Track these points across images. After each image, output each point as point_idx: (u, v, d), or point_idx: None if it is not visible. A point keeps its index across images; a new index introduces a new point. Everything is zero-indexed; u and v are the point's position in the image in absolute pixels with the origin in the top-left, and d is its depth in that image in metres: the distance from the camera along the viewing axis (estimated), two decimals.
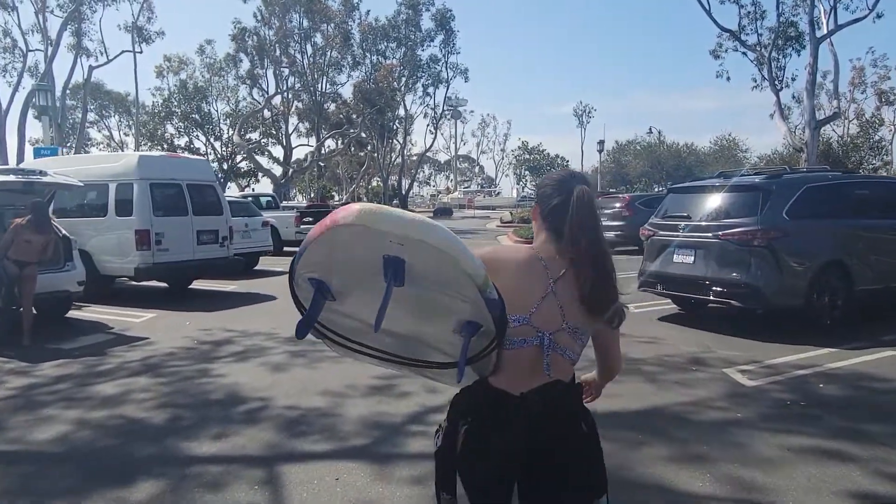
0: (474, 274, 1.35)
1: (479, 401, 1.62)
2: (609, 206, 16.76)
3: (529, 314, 1.56)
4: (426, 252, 1.32)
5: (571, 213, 1.58)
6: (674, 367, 5.50)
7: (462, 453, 1.60)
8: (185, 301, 9.79)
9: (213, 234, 10.19)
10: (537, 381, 1.57)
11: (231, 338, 6.99)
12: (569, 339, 1.59)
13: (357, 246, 1.38)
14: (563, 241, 1.59)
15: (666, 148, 33.96)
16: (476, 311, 1.40)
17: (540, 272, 1.59)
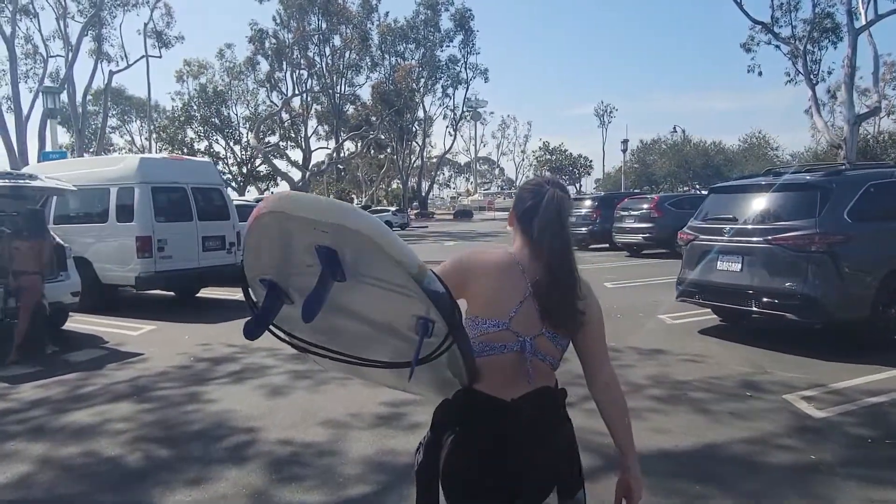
0: (407, 263, 1.26)
1: (466, 409, 1.55)
2: (636, 208, 15.98)
3: (509, 318, 1.52)
4: (352, 239, 1.26)
5: (540, 214, 1.57)
6: (725, 392, 4.79)
7: (447, 465, 1.53)
8: (189, 311, 9.29)
9: (220, 240, 9.68)
10: (524, 388, 1.52)
11: (230, 354, 6.43)
12: (548, 345, 1.55)
13: (290, 238, 1.34)
14: (533, 243, 1.57)
15: (693, 147, 32.82)
16: (426, 306, 1.31)
17: (518, 276, 1.55)
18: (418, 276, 1.27)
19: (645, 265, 14.23)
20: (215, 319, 8.38)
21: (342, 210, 1.27)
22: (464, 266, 1.56)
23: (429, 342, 1.35)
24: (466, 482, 1.54)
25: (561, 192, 1.62)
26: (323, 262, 1.29)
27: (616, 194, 21.53)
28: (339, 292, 1.35)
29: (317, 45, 43.79)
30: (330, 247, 1.28)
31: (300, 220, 1.28)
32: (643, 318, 7.79)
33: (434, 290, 1.29)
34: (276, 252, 1.42)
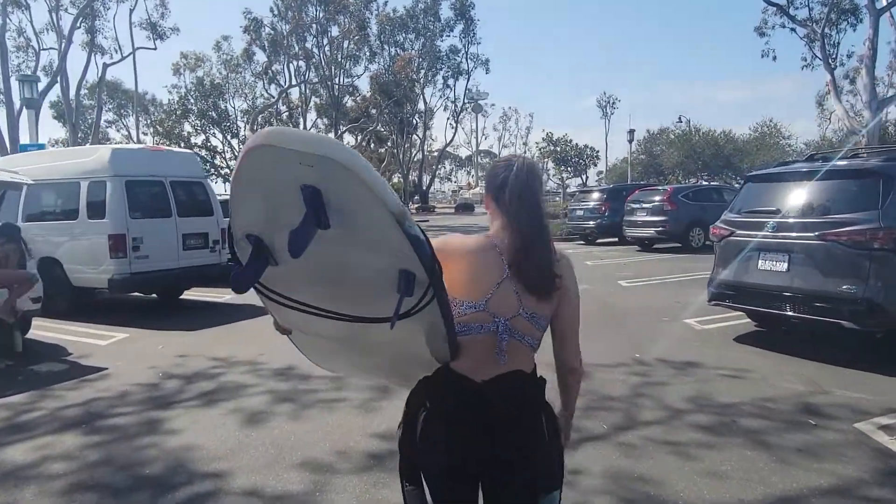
0: (389, 201, 1.24)
1: (438, 385, 1.58)
2: (648, 200, 15.18)
3: (486, 300, 1.53)
4: (336, 174, 1.22)
5: (510, 183, 1.58)
6: (783, 419, 4.02)
7: (421, 439, 1.57)
8: (169, 316, 8.54)
9: (202, 237, 8.91)
10: (496, 370, 1.53)
11: (206, 369, 5.67)
12: (526, 325, 1.55)
13: (276, 180, 1.29)
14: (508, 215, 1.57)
15: (702, 136, 31.82)
16: (408, 257, 1.29)
17: (495, 258, 1.56)
18: (400, 217, 1.26)
19: (658, 261, 13.44)
20: (196, 325, 7.63)
21: (328, 142, 1.25)
22: (441, 250, 1.48)
23: (410, 301, 1.35)
24: (436, 458, 1.57)
25: (527, 158, 1.66)
26: (307, 202, 1.26)
27: (625, 186, 20.68)
28: (321, 251, 1.32)
29: (315, 36, 42.88)
30: (315, 186, 1.25)
31: (286, 154, 1.23)
32: (668, 323, 7.01)
33: (415, 235, 1.28)
34: (261, 204, 1.37)
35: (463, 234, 1.66)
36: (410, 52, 41.02)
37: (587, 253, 15.51)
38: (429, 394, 1.60)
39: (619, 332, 6.57)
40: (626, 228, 15.60)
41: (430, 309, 1.37)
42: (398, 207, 1.26)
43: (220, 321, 7.92)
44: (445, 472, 1.57)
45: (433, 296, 1.35)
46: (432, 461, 1.58)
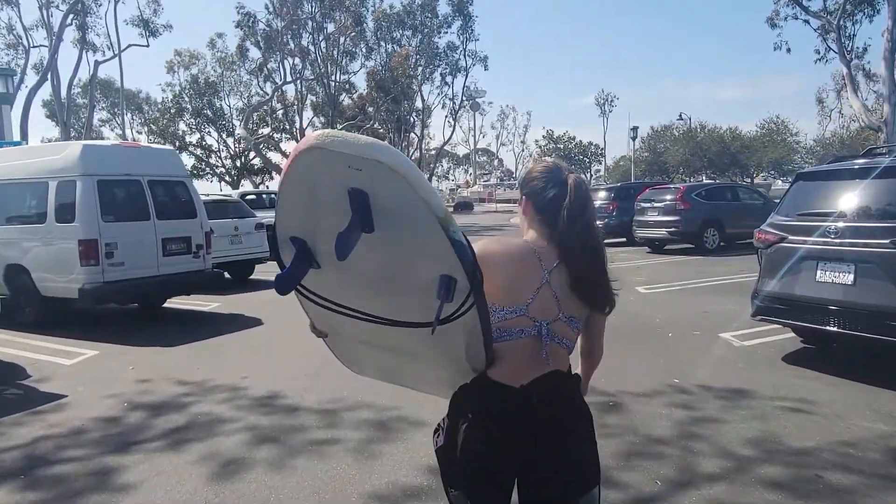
0: (434, 205, 1.25)
1: (479, 396, 1.58)
2: (659, 199, 14.43)
3: (526, 305, 1.55)
4: (384, 177, 1.23)
5: (568, 202, 1.59)
6: (877, 473, 3.27)
7: (464, 450, 1.57)
8: (148, 328, 7.77)
9: (185, 241, 8.15)
10: (536, 372, 1.55)
11: (178, 397, 4.92)
12: (565, 328, 1.59)
13: (323, 183, 1.31)
14: (558, 231, 1.59)
15: (707, 133, 31.04)
16: (449, 263, 1.30)
17: (534, 263, 1.58)
18: (444, 221, 1.26)
19: (673, 263, 12.71)
20: (176, 339, 6.87)
21: (378, 146, 1.24)
22: (481, 256, 1.44)
23: (450, 307, 1.34)
24: (480, 468, 1.57)
25: (577, 175, 1.68)
26: (354, 205, 1.26)
27: (634, 184, 19.98)
28: (363, 254, 1.33)
29: (311, 33, 42.05)
30: (362, 189, 1.25)
31: (335, 157, 1.24)
32: (702, 339, 6.27)
33: (459, 241, 1.28)
34: (307, 207, 1.37)
35: (501, 238, 1.65)
36: (407, 48, 40.24)
37: None
38: (470, 403, 1.60)
39: (649, 351, 5.83)
40: (637, 229, 14.87)
41: (469, 315, 1.37)
42: (444, 212, 1.26)
43: (203, 334, 7.16)
44: (486, 479, 1.58)
45: (473, 302, 1.35)
46: (474, 469, 1.58)
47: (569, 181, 1.62)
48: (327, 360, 2.38)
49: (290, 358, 5.97)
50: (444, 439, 1.64)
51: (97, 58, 39.54)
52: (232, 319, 8.17)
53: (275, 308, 8.57)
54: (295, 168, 1.31)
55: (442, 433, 1.65)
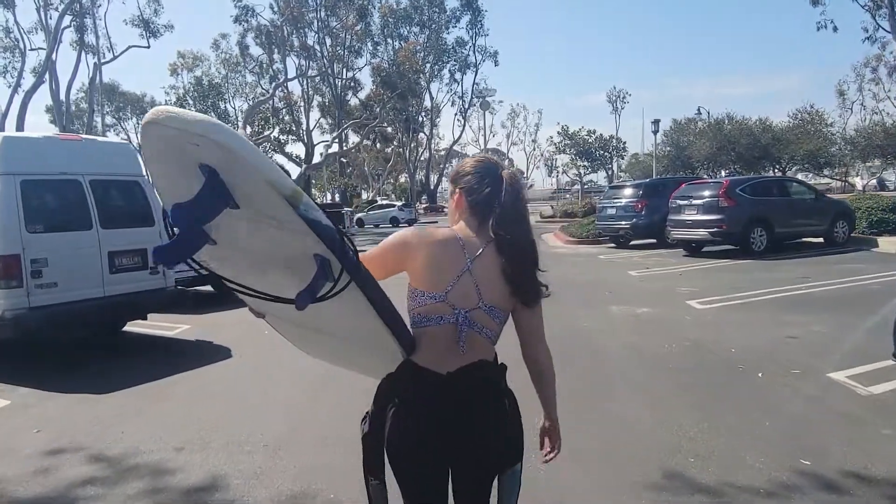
0: (280, 183, 1.24)
1: (405, 381, 1.60)
2: (699, 196, 12.79)
3: (445, 291, 1.57)
4: (219, 154, 1.22)
5: (502, 199, 1.62)
6: None
7: (391, 435, 1.59)
8: (85, 365, 6.24)
9: (139, 255, 6.66)
10: (461, 360, 1.58)
11: (76, 487, 3.41)
12: (485, 317, 1.60)
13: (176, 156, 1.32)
14: (490, 224, 1.61)
15: (735, 125, 29.15)
16: (317, 241, 1.30)
17: (457, 251, 1.60)
18: (293, 199, 1.24)
19: (718, 269, 11.06)
20: (116, 382, 5.37)
21: (206, 123, 1.22)
22: (403, 240, 1.61)
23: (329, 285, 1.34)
24: (407, 452, 1.59)
25: (511, 170, 1.70)
26: (207, 180, 1.26)
27: (665, 180, 18.31)
28: (242, 226, 1.37)
29: (316, 32, 40.76)
30: (212, 165, 1.25)
31: (172, 132, 1.24)
32: (808, 382, 4.64)
33: (313, 219, 1.27)
34: (180, 179, 1.37)
35: (430, 228, 1.64)
36: (415, 41, 38.78)
37: (625, 259, 13.17)
38: (396, 389, 1.62)
39: (742, 404, 4.24)
40: (672, 229, 13.24)
41: (355, 294, 1.36)
42: (290, 189, 1.25)
43: (153, 373, 5.66)
44: (417, 463, 1.59)
45: (350, 280, 1.33)
46: (403, 454, 1.59)
47: (504, 177, 1.65)
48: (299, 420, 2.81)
49: (253, 413, 4.47)
50: (368, 426, 1.65)
51: (97, 60, 38.48)
52: (196, 350, 6.68)
53: (252, 331, 7.10)
54: (145, 141, 1.36)
55: (368, 420, 1.66)
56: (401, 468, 1.59)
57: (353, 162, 57.69)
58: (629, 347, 5.77)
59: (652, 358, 5.37)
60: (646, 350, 5.64)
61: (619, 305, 7.82)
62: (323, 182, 47.51)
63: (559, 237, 19.28)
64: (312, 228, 1.26)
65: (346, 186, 51.90)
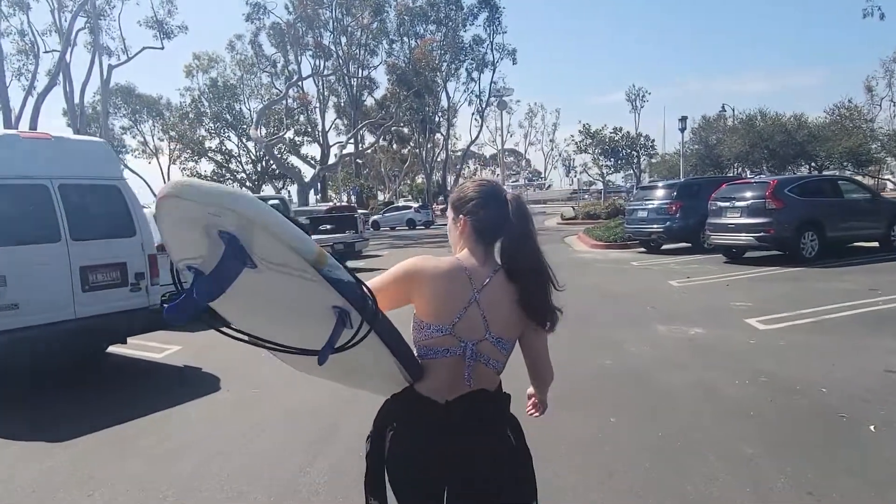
0: (302, 249, 1.25)
1: (404, 406, 1.61)
2: (741, 197, 11.70)
3: (452, 324, 1.54)
4: (242, 223, 1.24)
5: (510, 225, 1.59)
6: None
7: (389, 458, 1.60)
8: (52, 399, 5.37)
9: (117, 270, 5.82)
10: (462, 390, 1.56)
11: None
12: (492, 349, 1.58)
13: (194, 223, 1.32)
14: (497, 250, 1.61)
15: (770, 121, 27.69)
16: (338, 296, 1.31)
17: (463, 282, 1.56)
18: (317, 263, 1.27)
19: (769, 279, 9.97)
20: (81, 424, 4.50)
21: (228, 194, 1.24)
22: (408, 273, 1.57)
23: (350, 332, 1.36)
24: (404, 476, 1.58)
25: (515, 194, 1.67)
26: (227, 247, 1.28)
27: (699, 180, 17.20)
28: (261, 279, 1.35)
29: (332, 32, 40.06)
30: (231, 232, 1.26)
31: (192, 204, 1.25)
32: None
33: (336, 278, 1.28)
34: (194, 238, 1.36)
35: (435, 257, 1.62)
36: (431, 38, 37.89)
37: (661, 266, 12.10)
38: (395, 413, 1.62)
39: (854, 470, 3.24)
40: (712, 233, 12.15)
41: (372, 341, 1.37)
42: (314, 254, 1.26)
43: (125, 411, 4.78)
44: (413, 489, 1.58)
45: (368, 331, 1.35)
46: (400, 478, 1.59)
47: (509, 199, 1.62)
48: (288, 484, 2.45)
49: (237, 471, 3.56)
50: (369, 446, 1.66)
51: (111, 62, 38.13)
52: (181, 379, 5.81)
53: (246, 353, 6.25)
54: (163, 212, 1.36)
55: (369, 441, 1.66)
56: (398, 490, 1.58)
57: (370, 163, 57.01)
58: (695, 385, 4.76)
59: (726, 402, 4.37)
60: (715, 390, 4.63)
61: (668, 324, 6.80)
62: (338, 183, 46.78)
63: (584, 240, 18.25)
64: (336, 288, 1.28)
65: (363, 187, 51.17)
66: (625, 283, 10.22)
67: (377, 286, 1.51)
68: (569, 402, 4.26)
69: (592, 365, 5.39)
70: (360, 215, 17.87)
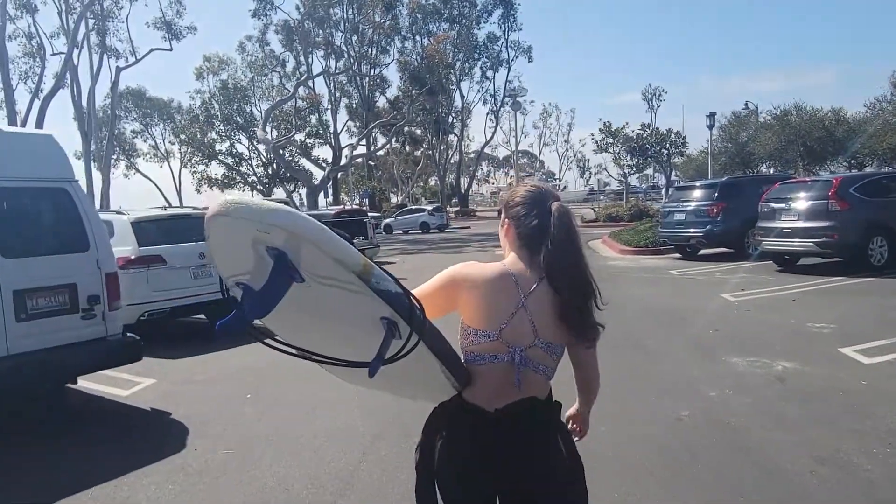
0: (348, 262, 1.26)
1: (453, 416, 1.60)
2: (798, 198, 10.37)
3: (500, 330, 1.53)
4: (290, 240, 1.27)
5: (552, 233, 1.56)
6: None
7: (439, 468, 1.60)
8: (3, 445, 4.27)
9: (64, 293, 4.68)
10: (511, 398, 1.54)
11: None
12: (542, 354, 1.56)
13: (243, 240, 1.34)
14: (541, 258, 1.56)
15: (806, 117, 26.10)
16: (384, 306, 1.30)
17: (511, 288, 1.55)
18: (364, 275, 1.27)
19: (837, 291, 8.64)
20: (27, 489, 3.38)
21: (277, 212, 1.25)
22: (454, 279, 1.57)
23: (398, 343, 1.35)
24: (454, 486, 1.58)
25: (561, 202, 1.62)
26: (275, 261, 1.29)
27: (744, 179, 15.86)
28: (309, 293, 1.36)
29: (344, 32, 39.06)
30: (279, 248, 1.28)
31: (241, 222, 1.27)
32: None
33: (384, 290, 1.28)
34: (242, 255, 1.38)
35: (480, 263, 1.61)
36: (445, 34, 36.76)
37: (706, 275, 10.80)
38: (444, 423, 1.61)
39: None
40: (763, 238, 10.82)
41: (420, 350, 1.37)
42: (360, 266, 1.27)
43: (63, 484, 3.64)
44: (463, 498, 1.58)
45: (417, 342, 1.35)
46: (450, 487, 1.58)
47: (552, 209, 1.58)
48: None
49: None
50: (419, 456, 1.65)
51: (119, 64, 37.42)
52: (142, 429, 4.66)
53: (228, 388, 5.16)
54: (212, 230, 1.38)
55: (419, 450, 1.66)
56: (448, 499, 1.59)
57: (383, 165, 56.01)
58: (814, 455, 3.49)
59: (875, 490, 3.11)
60: (849, 465, 3.38)
61: (743, 355, 5.53)
62: (349, 185, 45.74)
63: (610, 245, 16.93)
64: (384, 299, 1.28)
65: (375, 190, 50.11)
66: (670, 297, 8.95)
67: (423, 294, 1.50)
68: (645, 477, 3.05)
69: (665, 417, 4.15)
70: (371, 218, 16.68)
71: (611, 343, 2.48)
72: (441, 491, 1.58)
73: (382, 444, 3.92)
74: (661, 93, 52.78)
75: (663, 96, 54.50)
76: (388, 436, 4.04)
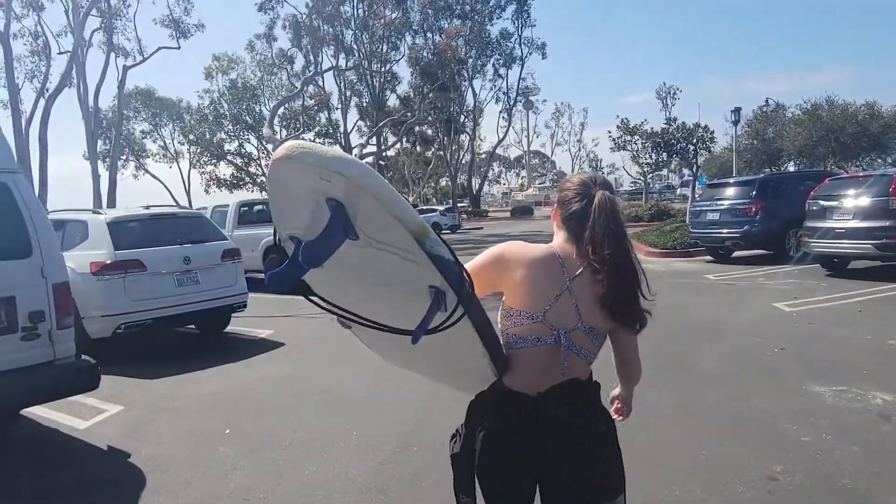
0: (406, 220, 1.24)
1: (495, 404, 1.58)
2: (852, 195, 9.34)
3: (544, 312, 1.51)
4: (351, 190, 1.24)
5: (593, 220, 1.54)
6: None
7: (481, 459, 1.57)
8: None
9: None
10: (553, 381, 1.53)
11: None
12: (584, 339, 1.55)
13: (304, 189, 1.33)
14: (583, 245, 1.55)
15: (839, 111, 24.80)
16: (436, 275, 1.28)
17: (556, 270, 1.54)
18: (420, 236, 1.25)
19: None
20: None
21: (342, 160, 1.24)
22: (502, 257, 1.56)
23: (442, 316, 1.33)
24: (497, 477, 1.57)
25: (608, 192, 1.60)
26: (332, 214, 1.27)
27: (784, 176, 14.81)
28: (358, 254, 1.35)
29: (354, 30, 38.26)
30: (338, 199, 1.26)
31: (307, 167, 1.25)
32: None
33: (438, 255, 1.27)
34: (299, 209, 1.38)
35: (527, 243, 1.60)
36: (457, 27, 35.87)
37: (748, 280, 9.78)
38: (486, 412, 1.60)
39: None
40: (811, 239, 9.79)
41: (463, 325, 1.35)
42: (417, 226, 1.25)
43: None
44: (506, 488, 1.57)
45: (462, 314, 1.33)
46: (493, 477, 1.57)
47: (595, 197, 1.56)
48: None
49: None
50: (459, 447, 1.64)
51: (127, 62, 36.91)
52: (91, 473, 3.78)
53: (207, 420, 4.29)
54: (275, 176, 1.38)
55: (459, 440, 1.65)
56: (489, 491, 1.58)
57: (394, 166, 55.24)
58: None
59: None
60: None
61: (826, 383, 4.55)
62: None
63: (636, 247, 15.88)
64: (436, 265, 1.26)
65: None
66: (714, 306, 7.96)
67: (471, 269, 1.45)
68: None
69: (752, 475, 3.19)
70: None
71: (650, 362, 1.88)
72: (482, 483, 1.58)
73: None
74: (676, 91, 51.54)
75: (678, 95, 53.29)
76: (391, 488, 3.13)
